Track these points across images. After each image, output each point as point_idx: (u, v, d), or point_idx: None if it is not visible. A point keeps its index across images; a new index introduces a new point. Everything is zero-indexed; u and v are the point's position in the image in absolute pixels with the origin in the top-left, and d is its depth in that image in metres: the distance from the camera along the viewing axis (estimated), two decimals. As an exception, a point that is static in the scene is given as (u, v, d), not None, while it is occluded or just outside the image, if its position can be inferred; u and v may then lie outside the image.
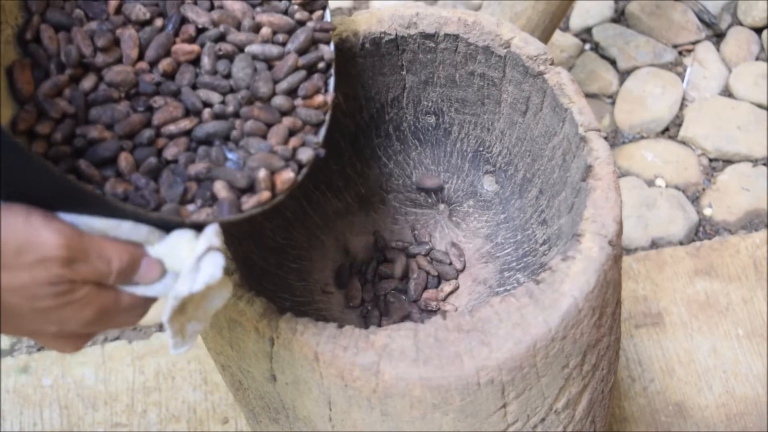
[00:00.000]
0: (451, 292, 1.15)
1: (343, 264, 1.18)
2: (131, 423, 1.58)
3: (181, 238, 0.70)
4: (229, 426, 1.57)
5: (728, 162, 1.96)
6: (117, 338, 1.71)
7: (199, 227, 0.71)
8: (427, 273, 1.16)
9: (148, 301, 0.73)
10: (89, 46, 0.80)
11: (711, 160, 1.97)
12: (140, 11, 0.83)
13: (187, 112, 0.81)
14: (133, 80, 0.80)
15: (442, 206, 1.22)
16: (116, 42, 0.82)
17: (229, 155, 0.79)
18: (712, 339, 1.64)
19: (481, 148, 1.16)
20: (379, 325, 1.09)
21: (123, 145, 0.76)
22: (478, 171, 1.18)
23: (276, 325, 0.83)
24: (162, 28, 0.84)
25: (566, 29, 2.24)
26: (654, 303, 1.69)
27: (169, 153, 0.77)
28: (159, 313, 1.73)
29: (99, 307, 0.68)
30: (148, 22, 0.84)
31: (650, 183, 1.91)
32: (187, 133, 0.80)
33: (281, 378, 0.87)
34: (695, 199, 1.89)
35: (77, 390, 1.63)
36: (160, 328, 1.72)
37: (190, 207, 0.74)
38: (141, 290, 0.71)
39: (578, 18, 2.25)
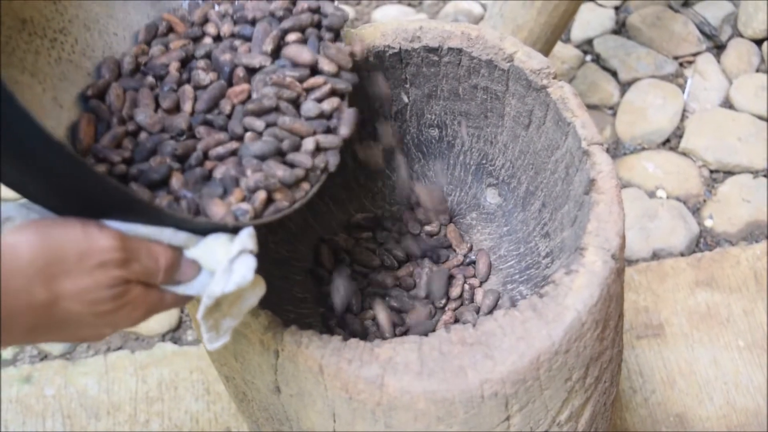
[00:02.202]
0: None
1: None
2: (134, 433, 1.59)
3: (217, 241, 0.74)
4: (232, 436, 1.58)
5: (729, 173, 1.96)
6: (120, 348, 1.71)
7: (235, 231, 0.75)
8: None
9: (186, 299, 0.78)
10: (152, 106, 0.86)
11: (712, 172, 1.97)
12: (202, 78, 0.89)
13: (232, 139, 0.85)
14: (184, 127, 0.85)
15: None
16: (177, 101, 0.88)
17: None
18: (712, 350, 1.65)
19: (484, 161, 1.17)
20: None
21: (172, 166, 0.80)
22: (481, 184, 1.19)
23: (281, 338, 0.84)
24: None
25: (567, 41, 2.25)
26: (655, 314, 1.69)
27: (219, 172, 0.81)
28: (160, 323, 1.73)
29: (148, 306, 0.74)
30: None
31: (651, 194, 1.92)
32: (234, 153, 0.83)
33: (285, 390, 0.88)
34: (696, 211, 1.90)
35: (80, 400, 1.63)
36: (163, 338, 1.72)
37: (233, 204, 0.78)
38: (181, 289, 0.76)
39: (579, 30, 2.26)
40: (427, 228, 1.19)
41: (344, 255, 1.16)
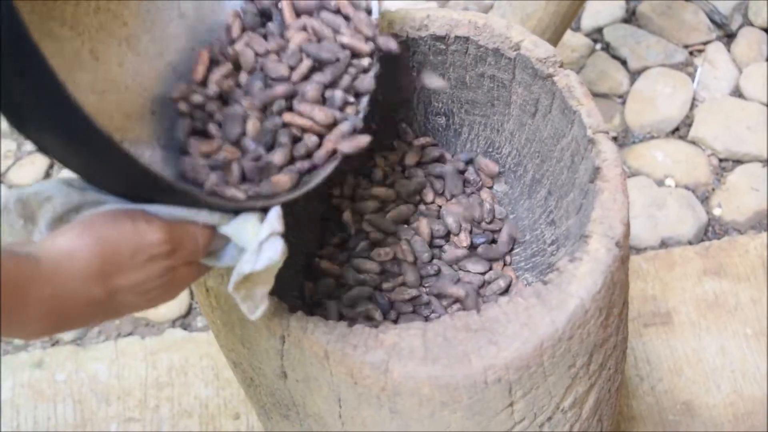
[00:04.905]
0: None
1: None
2: (144, 418, 1.60)
3: (247, 221, 0.79)
4: (241, 422, 1.58)
5: (738, 162, 1.96)
6: (130, 334, 1.72)
7: (264, 211, 0.81)
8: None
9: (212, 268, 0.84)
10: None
11: (721, 160, 1.97)
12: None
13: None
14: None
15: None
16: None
17: None
18: (720, 338, 1.65)
19: (490, 149, 1.17)
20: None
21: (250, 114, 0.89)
22: (488, 172, 1.19)
23: (287, 324, 0.85)
24: None
25: (577, 29, 2.25)
26: (663, 302, 1.69)
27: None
28: (171, 310, 1.74)
29: (189, 281, 0.81)
30: None
31: (660, 183, 1.92)
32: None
33: (292, 375, 0.89)
34: (705, 199, 1.90)
35: (90, 385, 1.64)
36: (173, 324, 1.73)
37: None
38: (212, 261, 0.82)
39: (589, 18, 2.26)
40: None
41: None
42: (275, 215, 0.80)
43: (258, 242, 0.78)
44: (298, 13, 0.97)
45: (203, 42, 0.96)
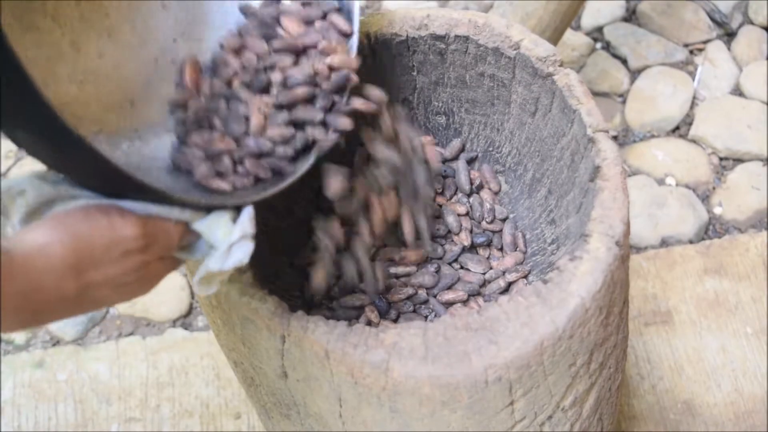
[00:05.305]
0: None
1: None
2: (145, 418, 1.60)
3: (219, 219, 0.80)
4: (242, 421, 1.58)
5: (738, 161, 1.96)
6: (131, 334, 1.72)
7: (237, 210, 0.81)
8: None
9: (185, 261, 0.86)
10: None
11: (721, 159, 1.97)
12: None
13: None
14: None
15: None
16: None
17: None
18: (720, 337, 1.65)
19: (490, 148, 1.17)
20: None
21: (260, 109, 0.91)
22: (488, 171, 1.19)
23: (287, 323, 0.85)
24: None
25: (578, 28, 2.25)
26: (663, 301, 1.69)
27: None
28: (171, 310, 1.73)
29: (164, 275, 0.81)
30: None
31: (660, 182, 1.92)
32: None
33: (292, 375, 0.89)
34: (705, 198, 1.90)
35: (92, 385, 1.64)
36: (174, 324, 1.73)
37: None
38: (185, 255, 0.83)
39: (590, 17, 2.26)
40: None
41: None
42: (247, 217, 0.80)
43: (228, 243, 0.79)
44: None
45: (185, 33, 0.96)
